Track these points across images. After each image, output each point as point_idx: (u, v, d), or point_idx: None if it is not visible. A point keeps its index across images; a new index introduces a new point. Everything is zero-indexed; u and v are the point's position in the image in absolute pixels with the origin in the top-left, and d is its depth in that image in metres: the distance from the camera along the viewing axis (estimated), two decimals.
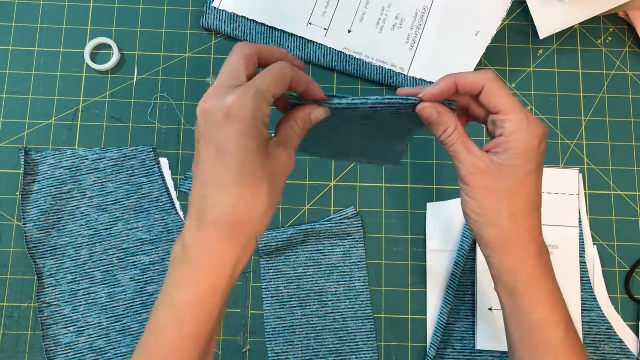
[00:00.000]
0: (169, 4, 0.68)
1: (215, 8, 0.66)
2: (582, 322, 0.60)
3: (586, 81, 0.66)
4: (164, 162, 0.64)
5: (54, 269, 0.61)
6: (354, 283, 0.61)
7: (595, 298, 0.60)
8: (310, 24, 0.66)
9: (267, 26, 0.66)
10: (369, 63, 0.65)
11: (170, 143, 0.64)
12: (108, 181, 0.63)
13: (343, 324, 0.60)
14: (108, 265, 0.61)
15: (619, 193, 0.64)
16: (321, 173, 0.64)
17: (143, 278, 0.61)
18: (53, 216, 0.62)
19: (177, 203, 0.63)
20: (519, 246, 0.40)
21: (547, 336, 0.40)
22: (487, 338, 0.59)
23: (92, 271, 0.61)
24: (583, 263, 0.61)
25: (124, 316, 0.60)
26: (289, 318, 0.61)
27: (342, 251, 0.62)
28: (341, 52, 0.65)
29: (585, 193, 0.63)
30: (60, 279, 0.61)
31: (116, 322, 0.60)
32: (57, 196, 0.62)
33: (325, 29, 0.66)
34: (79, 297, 0.60)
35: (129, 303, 0.60)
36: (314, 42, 0.65)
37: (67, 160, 0.63)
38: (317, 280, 0.61)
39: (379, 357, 0.60)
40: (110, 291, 0.61)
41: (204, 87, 0.66)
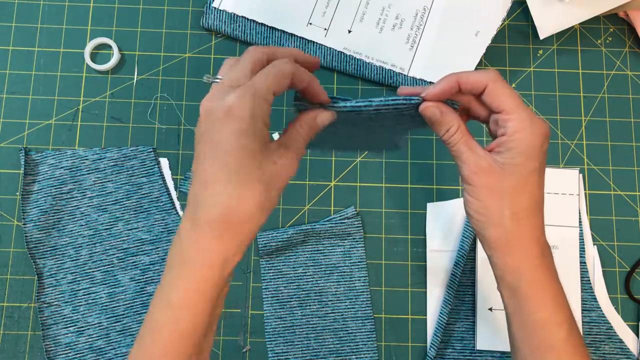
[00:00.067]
0: (169, 4, 0.68)
1: (215, 8, 0.66)
2: (582, 322, 0.60)
3: (586, 81, 0.66)
4: (164, 162, 0.64)
5: (54, 269, 0.61)
6: (354, 283, 0.61)
7: (595, 298, 0.60)
8: (310, 24, 0.66)
9: (267, 26, 0.66)
10: (369, 63, 0.65)
11: (170, 143, 0.64)
12: (108, 181, 0.63)
13: (343, 324, 0.60)
14: (108, 265, 0.61)
15: (619, 193, 0.64)
16: (321, 173, 0.64)
17: (143, 278, 0.61)
18: (53, 216, 0.62)
19: (177, 203, 0.63)
20: (522, 246, 0.40)
21: (550, 336, 0.40)
22: (487, 338, 0.59)
23: (92, 271, 0.61)
24: (583, 263, 0.61)
25: (124, 316, 0.60)
26: (289, 318, 0.61)
27: (342, 251, 0.62)
28: (341, 52, 0.65)
29: (585, 193, 0.63)
30: (60, 279, 0.61)
31: (116, 322, 0.60)
32: (57, 196, 0.62)
33: (325, 29, 0.66)
34: (79, 297, 0.60)
35: (129, 303, 0.60)
36: (314, 42, 0.65)
37: (67, 160, 0.63)
38: (317, 280, 0.61)
39: (379, 357, 0.60)
40: (110, 291, 0.61)
41: (204, 87, 0.66)
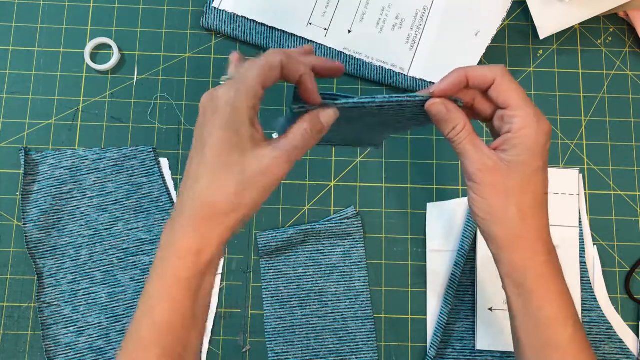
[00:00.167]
0: (169, 4, 0.68)
1: (215, 8, 0.66)
2: (582, 322, 0.60)
3: (586, 81, 0.66)
4: (164, 162, 0.64)
5: (54, 269, 0.61)
6: (354, 283, 0.61)
7: (595, 298, 0.60)
8: (310, 24, 0.66)
9: (267, 26, 0.66)
10: (369, 63, 0.65)
11: (170, 143, 0.64)
12: (108, 181, 0.63)
13: (343, 324, 0.60)
14: (108, 265, 0.61)
15: (619, 193, 0.64)
16: (321, 173, 0.64)
17: (143, 278, 0.61)
18: (53, 216, 0.62)
19: None
20: (528, 243, 0.40)
21: (556, 334, 0.40)
22: (487, 338, 0.59)
23: (92, 271, 0.61)
24: (583, 263, 0.61)
25: (124, 316, 0.60)
26: (289, 318, 0.61)
27: (342, 251, 0.62)
28: (341, 52, 0.65)
29: (585, 193, 0.63)
30: (60, 279, 0.61)
31: (116, 322, 0.60)
32: (57, 196, 0.62)
33: (325, 29, 0.66)
34: (79, 297, 0.60)
35: (129, 303, 0.60)
36: (314, 42, 0.65)
37: (67, 160, 0.63)
38: (317, 280, 0.61)
39: (379, 357, 0.60)
40: (110, 291, 0.61)
41: (204, 87, 0.66)
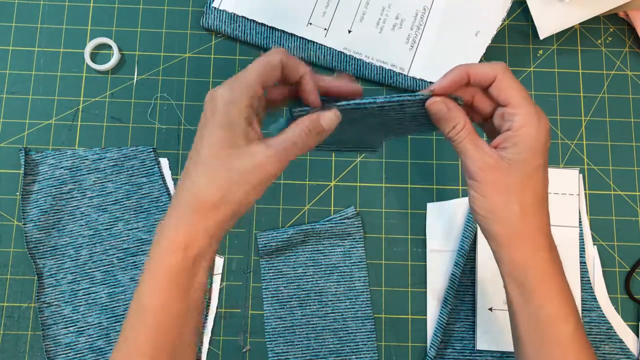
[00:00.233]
0: (169, 4, 0.68)
1: (215, 8, 0.66)
2: (582, 322, 0.60)
3: (586, 81, 0.66)
4: (164, 162, 0.64)
5: (54, 269, 0.61)
6: (354, 283, 0.61)
7: (595, 298, 0.60)
8: (310, 24, 0.66)
9: (267, 26, 0.66)
10: (369, 63, 0.65)
11: (170, 143, 0.64)
12: (108, 181, 0.63)
13: (343, 324, 0.60)
14: (108, 265, 0.61)
15: (619, 193, 0.64)
16: (321, 173, 0.64)
17: None
18: (53, 216, 0.62)
19: None
20: (530, 241, 0.40)
21: (557, 331, 0.40)
22: (487, 338, 0.59)
23: (92, 271, 0.61)
24: (583, 263, 0.61)
25: (124, 316, 0.60)
26: (289, 318, 0.61)
27: (342, 251, 0.62)
28: (341, 52, 0.65)
29: (585, 193, 0.63)
30: (60, 279, 0.61)
31: (116, 322, 0.60)
32: (57, 196, 0.62)
33: (325, 29, 0.66)
34: (79, 297, 0.60)
35: (129, 303, 0.60)
36: (314, 42, 0.65)
37: (67, 160, 0.63)
38: (317, 280, 0.61)
39: (379, 357, 0.60)
40: (110, 291, 0.61)
41: (204, 87, 0.66)
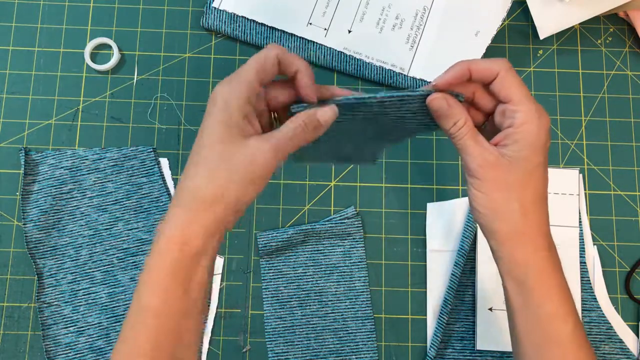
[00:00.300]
0: (169, 4, 0.68)
1: (215, 8, 0.66)
2: (582, 322, 0.60)
3: (586, 81, 0.66)
4: (164, 162, 0.64)
5: (54, 269, 0.61)
6: (354, 283, 0.61)
7: (595, 298, 0.60)
8: (310, 24, 0.66)
9: (267, 26, 0.66)
10: (369, 63, 0.65)
11: (170, 143, 0.64)
12: (108, 181, 0.63)
13: (343, 324, 0.60)
14: (108, 265, 0.61)
15: (619, 193, 0.64)
16: (321, 173, 0.64)
17: None
18: (53, 216, 0.62)
19: None
20: (530, 239, 0.40)
21: (556, 330, 0.40)
22: (487, 338, 0.59)
23: (92, 271, 0.61)
24: (583, 263, 0.61)
25: (124, 316, 0.60)
26: (289, 318, 0.61)
27: (342, 251, 0.62)
28: (341, 52, 0.65)
29: (585, 193, 0.63)
30: (60, 279, 0.61)
31: (116, 322, 0.60)
32: (57, 196, 0.62)
33: (325, 29, 0.66)
34: (79, 297, 0.60)
35: (129, 303, 0.60)
36: (314, 42, 0.65)
37: (67, 160, 0.63)
38: (317, 280, 0.61)
39: (379, 357, 0.60)
40: (110, 291, 0.61)
41: (204, 87, 0.66)
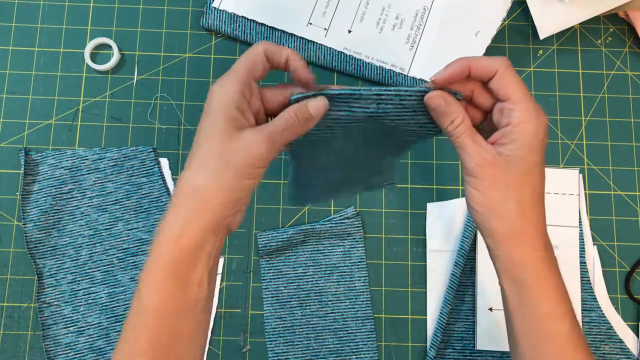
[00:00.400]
0: (169, 4, 0.68)
1: (215, 8, 0.66)
2: (582, 322, 0.60)
3: (586, 81, 0.66)
4: (164, 162, 0.64)
5: (54, 269, 0.61)
6: (354, 283, 0.61)
7: (595, 298, 0.60)
8: (310, 24, 0.66)
9: (267, 26, 0.66)
10: (369, 63, 0.65)
11: (170, 143, 0.64)
12: (108, 181, 0.63)
13: (343, 324, 0.60)
14: (108, 265, 0.61)
15: (619, 193, 0.64)
16: None
17: None
18: (53, 216, 0.62)
19: None
20: (527, 238, 0.40)
21: (553, 329, 0.40)
22: (487, 338, 0.59)
23: (92, 271, 0.61)
24: (583, 263, 0.61)
25: (124, 316, 0.60)
26: (289, 318, 0.61)
27: (342, 251, 0.62)
28: (341, 52, 0.65)
29: (585, 193, 0.63)
30: (60, 279, 0.61)
31: (116, 322, 0.60)
32: (57, 196, 0.62)
33: (325, 29, 0.66)
34: (79, 297, 0.60)
35: (129, 303, 0.60)
36: (314, 42, 0.65)
37: (67, 160, 0.63)
38: (317, 280, 0.61)
39: (379, 357, 0.60)
40: (110, 291, 0.61)
41: (204, 87, 0.66)
